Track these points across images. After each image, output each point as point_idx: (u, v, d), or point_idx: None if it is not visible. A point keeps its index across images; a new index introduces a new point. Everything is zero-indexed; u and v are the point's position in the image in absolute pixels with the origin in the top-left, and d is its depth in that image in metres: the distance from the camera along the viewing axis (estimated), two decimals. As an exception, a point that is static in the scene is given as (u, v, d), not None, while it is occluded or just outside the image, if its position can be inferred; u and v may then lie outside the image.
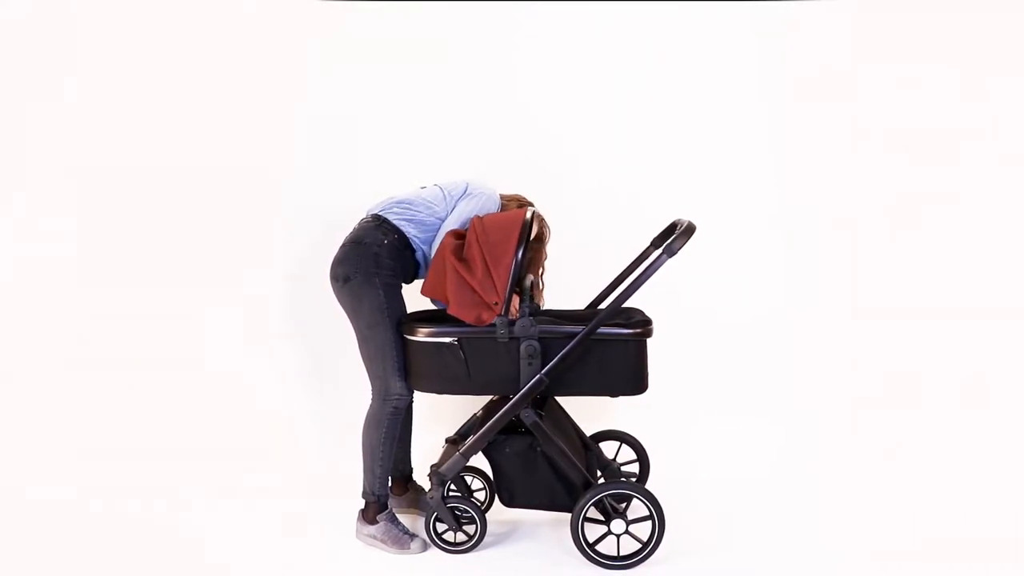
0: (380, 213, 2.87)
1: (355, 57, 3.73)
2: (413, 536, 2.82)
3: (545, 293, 3.07)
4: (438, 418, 3.43)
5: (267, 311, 3.74)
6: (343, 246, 2.83)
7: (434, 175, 3.11)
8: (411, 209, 2.87)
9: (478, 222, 2.74)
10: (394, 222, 2.84)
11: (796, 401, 3.74)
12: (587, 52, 3.80)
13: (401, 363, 2.78)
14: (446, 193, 2.93)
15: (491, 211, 2.92)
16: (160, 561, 2.78)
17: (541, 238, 3.02)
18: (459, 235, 2.81)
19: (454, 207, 2.90)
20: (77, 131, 3.66)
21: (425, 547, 2.82)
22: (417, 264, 2.91)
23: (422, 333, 2.73)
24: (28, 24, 3.62)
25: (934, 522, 2.92)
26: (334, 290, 2.82)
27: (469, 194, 2.92)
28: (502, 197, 3.03)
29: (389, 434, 2.80)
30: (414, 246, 2.86)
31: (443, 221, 2.88)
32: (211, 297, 3.71)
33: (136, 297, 3.70)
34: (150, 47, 3.64)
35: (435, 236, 2.86)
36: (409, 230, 2.84)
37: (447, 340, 2.70)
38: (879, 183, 3.80)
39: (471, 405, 3.13)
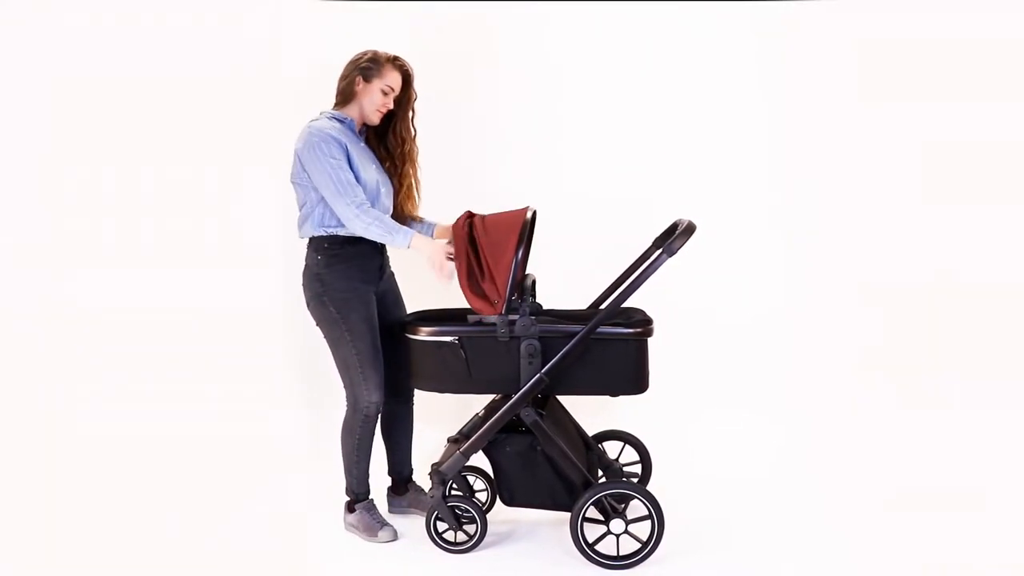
0: (301, 234, 2.81)
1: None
2: (384, 525, 2.88)
3: (546, 293, 3.07)
4: (439, 418, 3.42)
5: (266, 311, 3.73)
6: None
7: (435, 174, 3.07)
8: (303, 208, 2.77)
9: (479, 221, 2.73)
10: (313, 234, 2.74)
11: (797, 400, 3.74)
12: (588, 52, 3.80)
13: (368, 372, 2.78)
14: (293, 166, 2.75)
15: (324, 141, 2.64)
16: (160, 559, 2.78)
17: (409, 80, 2.81)
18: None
19: (308, 174, 2.68)
20: (74, 132, 3.65)
21: (395, 536, 2.86)
22: (369, 244, 2.74)
23: (423, 332, 2.73)
24: (20, 35, 3.61)
25: (935, 522, 2.92)
26: None
27: (297, 150, 2.69)
28: (364, 57, 2.75)
29: (363, 441, 2.86)
30: (345, 234, 2.71)
31: (316, 192, 2.68)
32: (210, 297, 3.71)
33: (136, 296, 3.70)
34: (147, 49, 3.62)
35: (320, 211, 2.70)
36: (326, 227, 2.71)
37: (448, 339, 2.70)
38: (879, 183, 3.80)
39: (473, 405, 3.13)
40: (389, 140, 2.88)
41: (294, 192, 2.80)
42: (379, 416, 2.88)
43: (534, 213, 2.73)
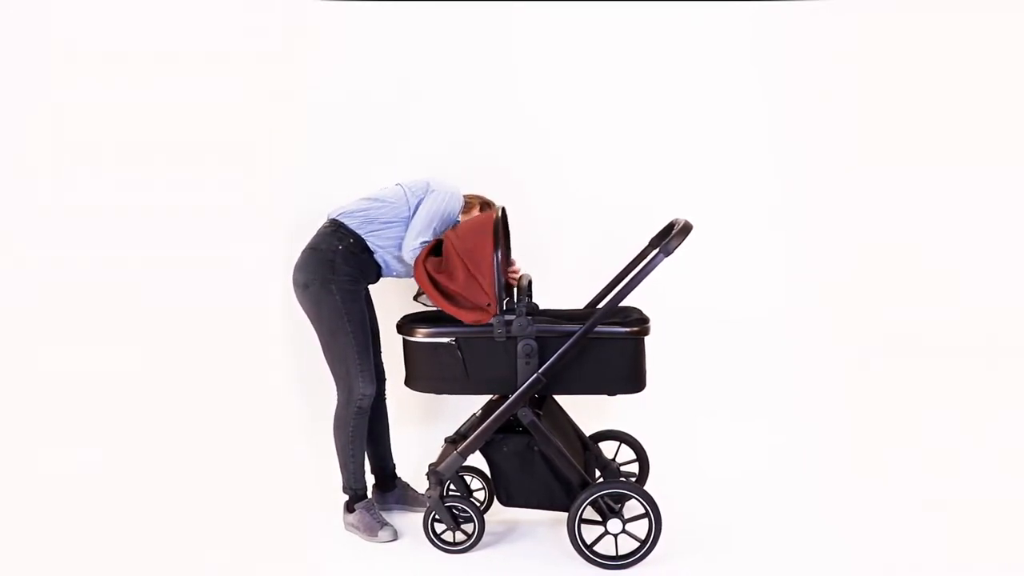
0: (337, 218, 2.91)
1: (355, 57, 3.74)
2: (384, 524, 2.90)
3: (542, 293, 3.08)
4: (437, 418, 3.44)
5: (266, 311, 3.74)
6: (302, 252, 2.90)
7: (434, 175, 3.09)
8: (370, 210, 2.91)
9: (451, 233, 2.78)
10: (350, 226, 2.88)
11: (795, 401, 3.73)
12: (587, 52, 3.80)
13: (365, 364, 2.84)
14: (407, 191, 2.95)
15: (455, 208, 2.95)
16: (161, 560, 2.80)
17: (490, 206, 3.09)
18: (432, 250, 2.84)
19: (417, 205, 2.91)
20: (74, 133, 3.67)
21: (395, 536, 2.89)
22: (378, 265, 2.94)
23: (420, 333, 2.74)
24: (23, 30, 3.63)
25: (935, 524, 2.91)
26: (296, 295, 2.91)
27: (432, 191, 2.93)
28: (465, 197, 3.05)
29: (356, 433, 2.90)
30: (372, 248, 2.90)
31: (406, 220, 2.90)
32: (210, 297, 3.72)
33: (139, 297, 3.72)
34: (146, 50, 3.63)
35: (397, 236, 2.90)
36: (366, 233, 2.88)
37: (445, 340, 2.71)
38: (879, 183, 3.79)
39: (471, 405, 3.14)
40: None
41: (390, 190, 2.97)
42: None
43: (502, 210, 2.76)
